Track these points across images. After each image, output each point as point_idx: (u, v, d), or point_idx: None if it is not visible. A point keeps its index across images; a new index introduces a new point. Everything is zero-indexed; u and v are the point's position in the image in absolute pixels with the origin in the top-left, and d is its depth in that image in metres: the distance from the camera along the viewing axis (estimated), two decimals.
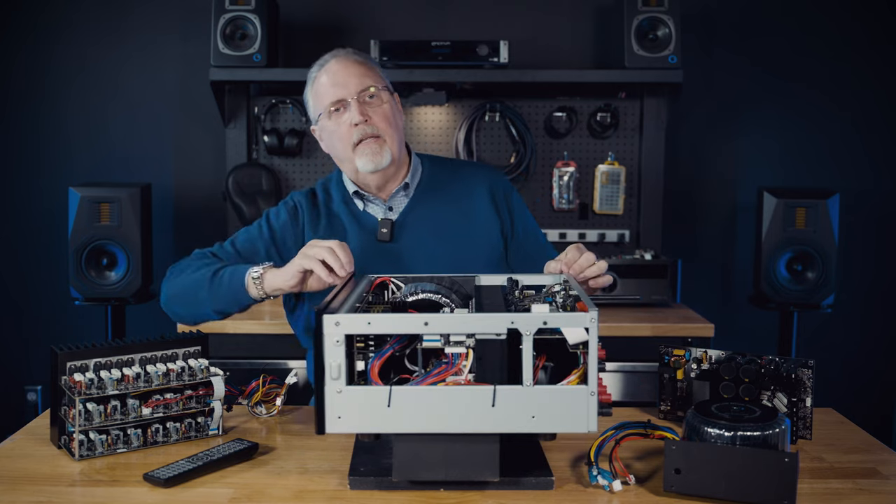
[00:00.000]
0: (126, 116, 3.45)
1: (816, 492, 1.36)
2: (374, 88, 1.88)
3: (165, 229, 3.46)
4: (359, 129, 1.85)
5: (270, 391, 1.70)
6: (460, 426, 1.28)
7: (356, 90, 1.86)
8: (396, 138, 1.90)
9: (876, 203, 3.48)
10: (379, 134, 1.86)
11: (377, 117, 1.87)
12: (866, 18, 3.44)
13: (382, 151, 1.87)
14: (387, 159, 1.87)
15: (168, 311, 1.91)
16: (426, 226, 1.94)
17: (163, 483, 1.36)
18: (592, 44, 3.45)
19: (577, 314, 1.27)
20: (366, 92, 1.87)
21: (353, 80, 1.87)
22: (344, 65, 1.89)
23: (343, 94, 1.86)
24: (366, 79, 1.88)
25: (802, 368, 1.55)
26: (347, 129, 1.87)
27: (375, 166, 1.87)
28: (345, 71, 1.88)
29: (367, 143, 1.86)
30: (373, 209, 1.97)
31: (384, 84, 1.91)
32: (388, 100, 1.91)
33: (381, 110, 1.88)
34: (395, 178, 1.96)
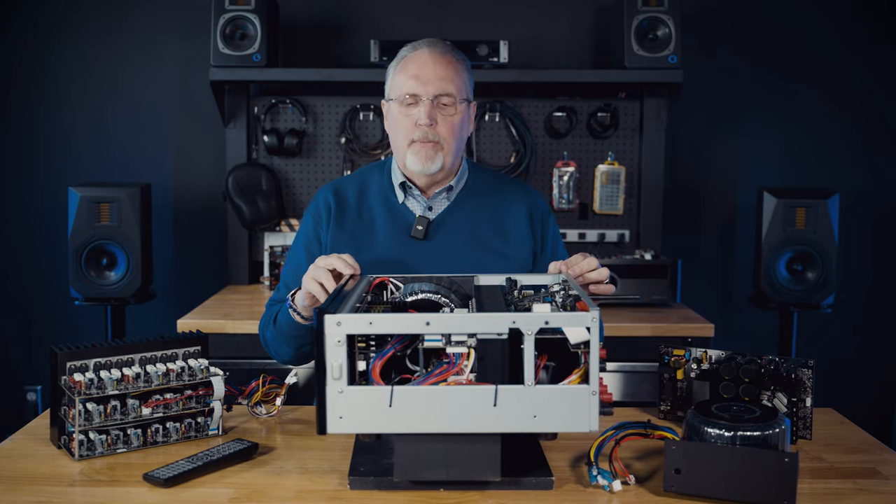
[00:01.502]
0: (126, 116, 3.45)
1: (816, 492, 1.36)
2: (452, 98, 1.85)
3: (165, 229, 3.46)
4: (421, 129, 1.84)
5: (270, 391, 1.70)
6: (462, 426, 1.28)
7: (434, 92, 1.84)
8: (454, 149, 1.89)
9: (876, 203, 3.48)
10: (438, 140, 1.86)
11: (443, 125, 1.85)
12: (866, 18, 3.44)
13: (435, 158, 1.86)
14: (437, 166, 1.87)
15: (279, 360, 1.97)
16: (461, 231, 1.93)
17: (163, 483, 1.36)
18: (592, 44, 3.45)
19: (578, 314, 1.27)
20: (442, 97, 1.85)
21: (435, 81, 1.84)
22: (434, 60, 1.86)
23: (420, 91, 1.84)
24: (448, 84, 1.85)
25: (802, 368, 1.55)
26: (411, 125, 1.86)
27: (423, 170, 1.87)
28: (432, 68, 1.85)
29: (424, 145, 1.85)
30: (412, 204, 1.96)
31: (464, 95, 1.89)
32: (462, 111, 1.88)
33: (450, 120, 1.86)
34: (443, 181, 1.95)
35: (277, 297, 1.97)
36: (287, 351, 1.89)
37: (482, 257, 1.90)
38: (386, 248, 1.90)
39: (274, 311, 1.92)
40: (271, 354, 1.96)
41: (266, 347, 1.97)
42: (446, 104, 1.85)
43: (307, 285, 1.68)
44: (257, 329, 2.00)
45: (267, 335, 1.93)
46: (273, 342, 1.92)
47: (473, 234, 1.94)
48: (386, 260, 1.87)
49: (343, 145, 3.35)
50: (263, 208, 3.24)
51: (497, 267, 1.86)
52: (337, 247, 1.89)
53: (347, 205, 1.97)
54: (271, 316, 1.92)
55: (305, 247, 1.97)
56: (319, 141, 3.38)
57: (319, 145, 3.39)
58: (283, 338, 1.87)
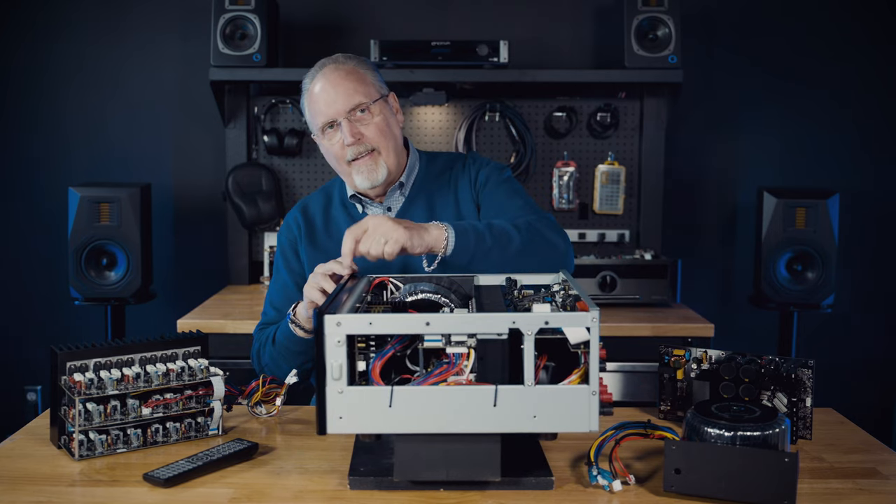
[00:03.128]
0: (126, 116, 3.45)
1: (816, 492, 1.36)
2: (363, 103, 1.85)
3: (165, 229, 3.46)
4: (352, 148, 1.85)
5: (270, 391, 1.70)
6: (462, 426, 1.28)
7: (345, 109, 1.83)
8: (392, 148, 1.88)
9: (876, 203, 3.48)
10: (374, 148, 1.86)
11: (370, 132, 1.85)
12: (866, 18, 3.44)
13: (378, 167, 1.86)
14: (382, 174, 1.87)
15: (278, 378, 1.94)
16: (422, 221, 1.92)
17: (163, 483, 1.36)
18: (592, 44, 3.45)
19: (578, 314, 1.27)
20: (356, 109, 1.84)
21: (341, 98, 1.83)
22: (332, 81, 1.85)
23: (333, 115, 1.84)
24: (355, 95, 1.84)
25: (802, 368, 1.55)
26: (341, 149, 1.86)
27: (372, 183, 1.88)
28: (333, 89, 1.84)
29: (363, 161, 1.86)
30: (372, 211, 1.98)
31: (377, 94, 1.88)
32: (382, 110, 1.88)
33: (373, 125, 1.86)
34: (394, 179, 1.96)
35: (266, 321, 1.97)
36: (287, 370, 1.85)
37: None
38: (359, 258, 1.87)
39: (268, 332, 1.90)
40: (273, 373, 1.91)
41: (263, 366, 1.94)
42: (362, 112, 1.85)
43: (308, 294, 1.68)
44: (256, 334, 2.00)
45: (264, 358, 1.91)
46: (272, 363, 1.89)
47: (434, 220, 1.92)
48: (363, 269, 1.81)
49: None
50: (263, 208, 3.24)
51: None
52: (312, 265, 1.87)
53: (315, 224, 1.99)
54: (267, 337, 1.90)
55: (286, 265, 1.98)
56: None
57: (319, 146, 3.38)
58: (283, 356, 1.85)
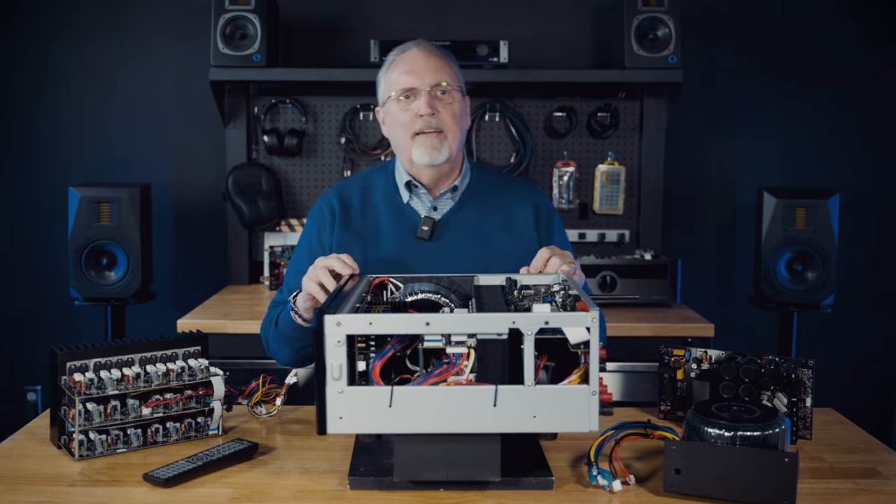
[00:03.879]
0: (126, 116, 3.45)
1: (816, 492, 1.36)
2: (448, 85, 1.88)
3: (165, 229, 3.46)
4: (423, 119, 1.86)
5: (270, 391, 1.70)
6: (462, 426, 1.28)
7: (430, 82, 1.87)
8: (458, 138, 1.90)
9: (876, 203, 3.48)
10: (442, 129, 1.87)
11: (445, 113, 1.87)
12: (866, 18, 3.44)
13: (441, 147, 1.87)
14: (444, 156, 1.88)
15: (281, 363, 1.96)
16: (467, 231, 1.94)
17: (163, 483, 1.36)
18: (592, 44, 3.45)
19: (578, 314, 1.27)
20: (439, 87, 1.87)
21: (429, 72, 1.87)
22: (424, 55, 1.90)
23: (416, 84, 1.87)
24: (442, 74, 1.88)
25: (802, 368, 1.55)
26: (412, 118, 1.87)
27: (431, 160, 1.88)
28: (424, 61, 1.89)
29: (428, 136, 1.87)
30: (416, 204, 1.96)
31: (458, 84, 1.92)
32: (459, 100, 1.91)
33: (450, 108, 1.88)
34: (448, 178, 1.96)
35: (279, 300, 1.98)
36: (288, 353, 1.89)
37: (488, 257, 1.90)
38: (391, 248, 1.90)
39: (275, 313, 1.92)
40: (272, 356, 1.96)
41: (267, 349, 1.97)
42: (444, 92, 1.88)
43: (307, 286, 1.68)
44: (257, 329, 2.01)
45: (269, 337, 1.94)
46: (274, 344, 1.92)
47: (479, 234, 1.94)
48: (391, 260, 1.88)
49: (343, 145, 3.35)
50: (263, 208, 3.24)
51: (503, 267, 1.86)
52: (343, 247, 1.89)
53: (352, 207, 1.97)
54: (273, 318, 1.92)
55: (308, 249, 1.97)
56: (319, 141, 3.38)
57: (319, 145, 3.39)
58: (284, 339, 1.88)
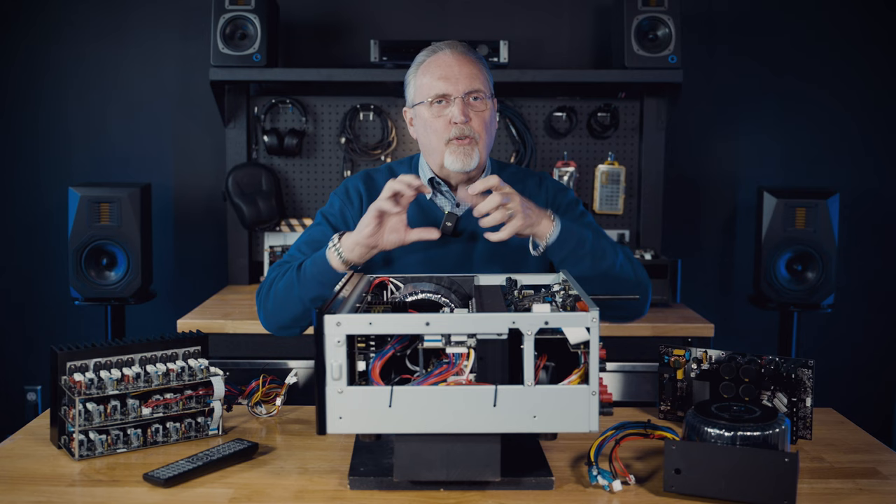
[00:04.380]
0: (126, 116, 3.45)
1: (816, 492, 1.36)
2: (481, 92, 1.88)
3: (165, 229, 3.46)
4: (458, 128, 1.86)
5: (270, 391, 1.70)
6: (462, 426, 1.28)
7: (464, 90, 1.86)
8: (487, 144, 1.91)
9: (876, 203, 3.48)
10: (474, 136, 1.87)
11: (477, 121, 1.87)
12: (866, 18, 3.44)
13: (473, 154, 1.87)
14: (475, 162, 1.88)
15: (272, 325, 1.88)
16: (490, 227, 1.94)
17: (163, 483, 1.36)
18: (592, 44, 3.45)
19: (578, 314, 1.27)
20: (472, 94, 1.87)
21: (463, 79, 1.86)
22: (458, 60, 1.88)
23: (450, 90, 1.86)
24: (475, 81, 1.88)
25: (802, 368, 1.55)
26: (445, 125, 1.87)
27: (463, 167, 1.88)
28: (458, 67, 1.87)
29: (461, 143, 1.87)
30: (440, 200, 1.97)
31: (489, 90, 1.92)
32: (490, 106, 1.91)
33: (482, 115, 1.88)
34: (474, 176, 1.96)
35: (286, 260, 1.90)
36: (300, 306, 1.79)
37: (509, 253, 1.90)
38: (415, 243, 1.89)
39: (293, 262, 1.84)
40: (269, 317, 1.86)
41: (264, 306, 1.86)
42: (477, 98, 1.88)
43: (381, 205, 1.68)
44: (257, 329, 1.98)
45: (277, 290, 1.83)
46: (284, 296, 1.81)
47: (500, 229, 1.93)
48: (415, 255, 1.88)
49: (343, 145, 3.35)
50: (263, 208, 3.24)
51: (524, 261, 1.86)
52: None
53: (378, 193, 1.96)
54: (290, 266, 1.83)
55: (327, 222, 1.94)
56: (319, 141, 3.38)
57: (319, 145, 3.39)
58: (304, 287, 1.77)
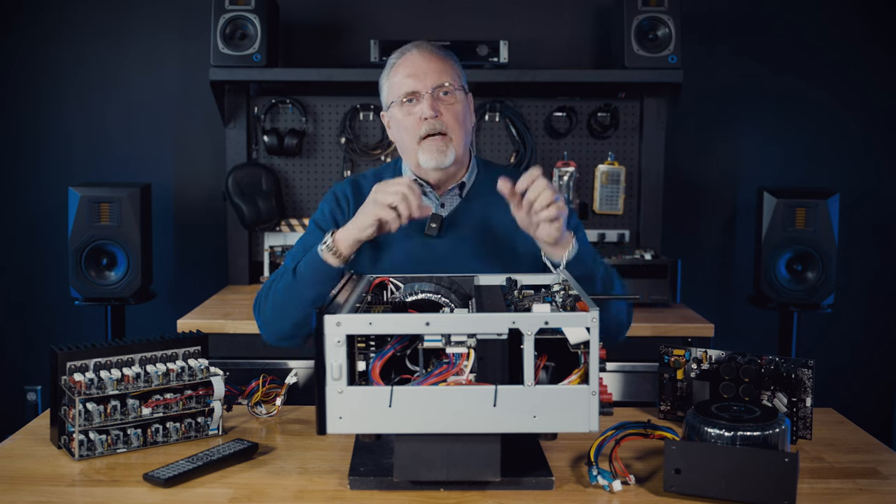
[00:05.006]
0: (126, 116, 3.45)
1: (816, 492, 1.36)
2: (450, 85, 1.87)
3: (165, 229, 3.46)
4: (428, 123, 1.85)
5: (270, 391, 1.70)
6: (462, 426, 1.28)
7: (432, 84, 1.86)
8: (463, 139, 1.90)
9: (876, 203, 3.48)
10: (446, 132, 1.87)
11: (448, 115, 1.87)
12: (866, 18, 3.44)
13: (447, 150, 1.87)
14: (450, 158, 1.88)
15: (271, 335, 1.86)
16: (475, 227, 1.94)
17: (163, 483, 1.36)
18: (592, 44, 3.45)
19: (578, 314, 1.27)
20: (441, 88, 1.86)
21: (430, 74, 1.87)
22: (424, 57, 1.89)
23: (418, 87, 1.86)
24: (443, 75, 1.87)
25: (802, 368, 1.55)
26: (416, 122, 1.87)
27: (437, 164, 1.88)
28: (424, 64, 1.88)
29: (434, 140, 1.86)
30: (425, 201, 1.95)
31: (460, 83, 1.91)
32: (462, 99, 1.91)
33: (453, 108, 1.88)
34: (455, 176, 1.96)
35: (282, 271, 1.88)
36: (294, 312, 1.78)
37: (496, 253, 1.90)
38: (401, 245, 1.90)
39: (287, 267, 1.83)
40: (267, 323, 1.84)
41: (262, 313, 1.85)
42: (447, 93, 1.87)
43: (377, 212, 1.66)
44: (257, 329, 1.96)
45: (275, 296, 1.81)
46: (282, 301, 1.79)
47: (486, 230, 1.94)
48: (401, 257, 1.88)
49: (343, 145, 3.35)
50: (263, 208, 3.24)
51: (510, 262, 1.86)
52: None
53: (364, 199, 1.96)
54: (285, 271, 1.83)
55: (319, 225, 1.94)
56: (319, 141, 3.38)
57: (319, 145, 3.39)
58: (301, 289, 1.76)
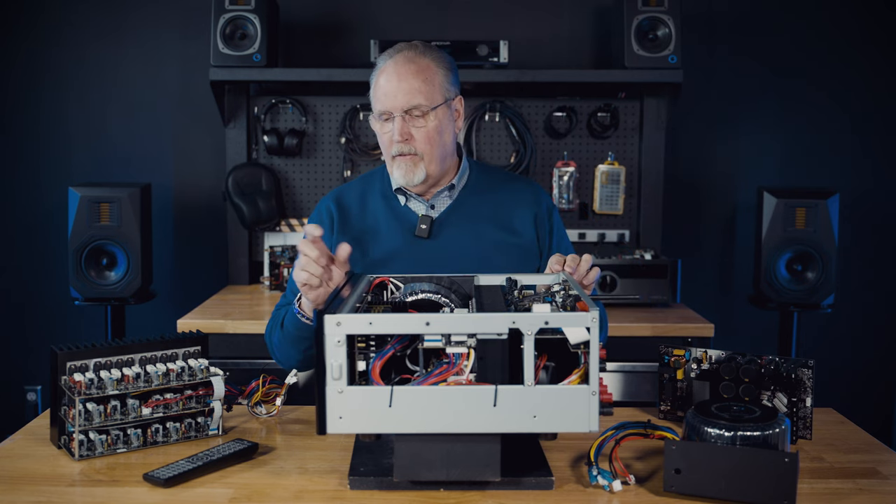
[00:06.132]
0: (126, 116, 3.45)
1: (816, 492, 1.36)
2: (423, 106, 1.84)
3: (165, 229, 3.46)
4: (397, 146, 1.86)
5: (270, 391, 1.71)
6: (462, 426, 1.28)
7: (402, 107, 1.83)
8: (437, 157, 1.88)
9: (876, 203, 3.48)
10: (416, 153, 1.86)
11: (419, 137, 1.85)
12: (866, 18, 3.44)
13: (416, 170, 1.87)
14: (419, 177, 1.88)
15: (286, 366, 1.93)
16: (465, 228, 1.94)
17: (163, 483, 1.36)
18: (592, 44, 3.45)
19: (578, 314, 1.27)
20: (412, 110, 1.84)
21: (402, 94, 1.83)
22: (399, 73, 1.84)
23: (390, 107, 1.85)
24: (417, 96, 1.83)
25: (802, 368, 1.55)
26: (388, 141, 1.88)
27: (406, 182, 1.89)
28: (398, 82, 1.84)
29: (403, 160, 1.87)
30: (414, 205, 1.97)
31: (440, 99, 1.86)
32: (438, 116, 1.86)
33: (424, 130, 1.85)
34: (441, 181, 1.96)
35: (283, 303, 1.98)
36: (293, 355, 1.88)
37: (486, 255, 1.90)
38: (391, 248, 1.90)
39: (280, 314, 1.92)
40: (278, 360, 1.94)
41: (272, 353, 1.96)
42: (418, 115, 1.85)
43: (297, 277, 1.66)
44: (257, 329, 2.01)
45: (274, 340, 1.93)
46: (280, 346, 1.90)
47: (477, 231, 1.94)
48: (391, 260, 1.88)
49: (343, 145, 3.35)
50: (263, 208, 3.24)
51: (501, 264, 1.86)
52: None
53: (350, 210, 1.98)
54: (278, 320, 1.91)
55: None
56: (319, 141, 3.38)
57: (319, 145, 3.39)
58: (289, 340, 1.87)
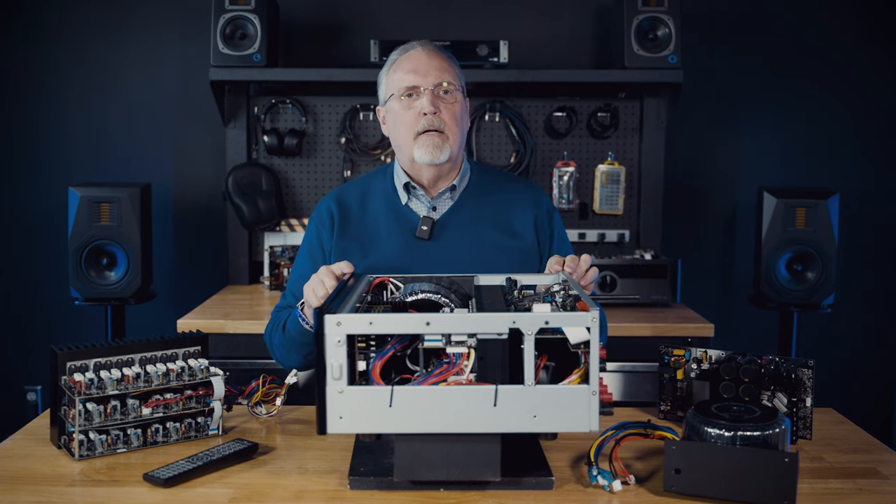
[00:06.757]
0: (126, 116, 3.45)
1: (816, 492, 1.36)
2: (451, 85, 1.90)
3: (165, 229, 3.46)
4: (427, 118, 1.87)
5: (270, 391, 1.71)
6: (462, 426, 1.28)
7: (433, 82, 1.88)
8: (458, 138, 1.92)
9: (876, 203, 3.48)
10: (443, 130, 1.88)
11: (446, 113, 1.89)
12: (866, 18, 3.44)
13: (443, 147, 1.88)
14: (445, 156, 1.89)
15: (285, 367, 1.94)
16: (466, 230, 1.94)
17: (163, 483, 1.36)
18: (592, 44, 3.45)
19: (578, 314, 1.27)
20: (441, 86, 1.89)
21: (433, 71, 1.89)
22: (428, 54, 1.92)
23: (420, 82, 1.88)
24: (445, 73, 1.90)
25: (802, 368, 1.55)
26: (415, 117, 1.89)
27: (432, 159, 1.89)
28: (427, 61, 1.90)
29: (430, 136, 1.88)
30: (415, 205, 1.97)
31: (460, 84, 1.94)
32: (460, 100, 1.93)
33: (451, 108, 1.90)
34: (447, 178, 1.97)
35: (284, 304, 1.98)
36: (296, 357, 1.88)
37: (487, 256, 1.90)
38: (391, 249, 1.90)
39: (282, 317, 1.92)
40: (278, 361, 1.95)
41: (273, 354, 1.96)
42: (447, 92, 1.89)
43: (308, 297, 1.69)
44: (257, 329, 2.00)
45: (275, 341, 1.93)
46: (281, 348, 1.91)
47: (478, 232, 1.94)
48: (392, 261, 1.88)
49: (343, 145, 3.35)
50: (263, 208, 3.24)
51: (501, 266, 1.86)
52: (343, 253, 1.90)
53: (351, 211, 1.98)
54: (279, 322, 1.91)
55: (309, 254, 1.98)
56: (319, 141, 3.38)
57: (319, 145, 3.39)
58: (292, 345, 1.87)
